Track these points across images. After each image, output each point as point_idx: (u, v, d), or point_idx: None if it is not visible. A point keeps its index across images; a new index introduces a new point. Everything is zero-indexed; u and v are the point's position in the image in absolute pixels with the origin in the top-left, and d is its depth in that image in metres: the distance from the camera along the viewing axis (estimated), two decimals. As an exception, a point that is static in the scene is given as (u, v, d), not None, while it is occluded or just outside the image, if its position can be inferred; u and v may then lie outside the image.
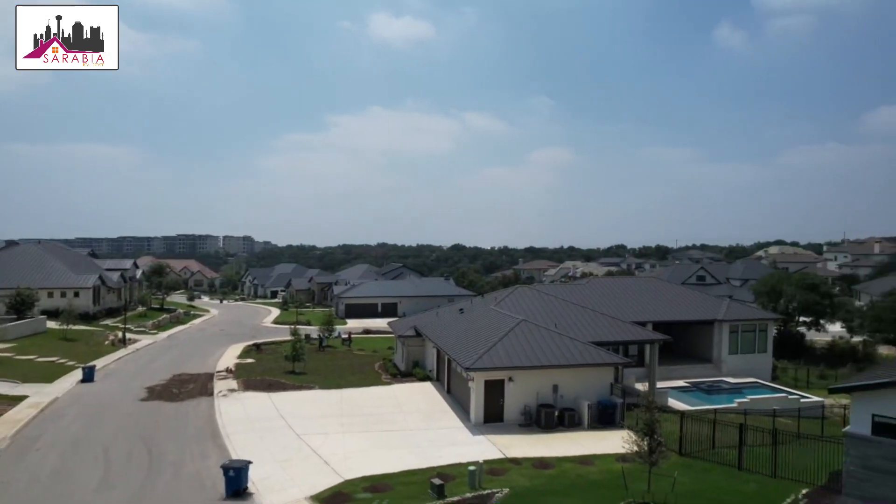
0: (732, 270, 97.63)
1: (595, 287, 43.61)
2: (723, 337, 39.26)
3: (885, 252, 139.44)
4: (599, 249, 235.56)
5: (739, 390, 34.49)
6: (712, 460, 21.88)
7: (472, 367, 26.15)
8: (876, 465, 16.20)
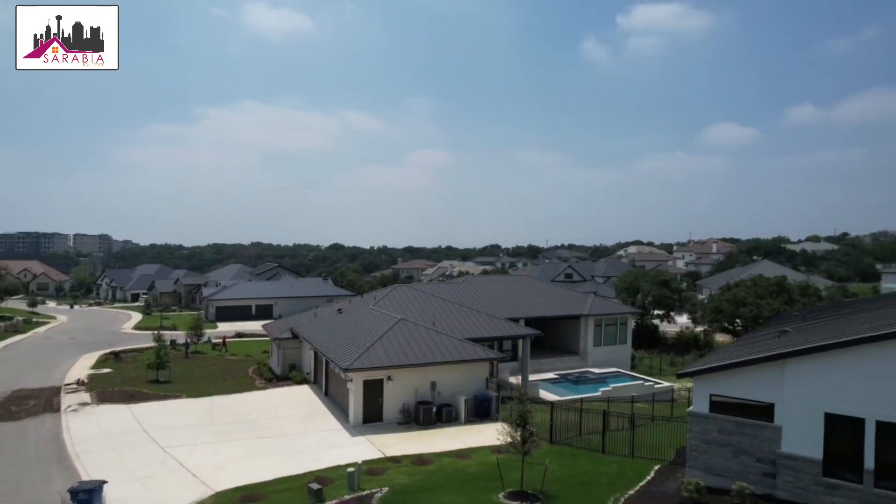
0: (597, 268, 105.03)
1: (471, 285, 44.93)
2: (588, 330, 42.13)
3: (722, 251, 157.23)
4: (475, 249, 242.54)
5: (603, 380, 37.19)
6: (580, 446, 23.42)
7: (351, 367, 25.90)
8: (712, 439, 18.27)
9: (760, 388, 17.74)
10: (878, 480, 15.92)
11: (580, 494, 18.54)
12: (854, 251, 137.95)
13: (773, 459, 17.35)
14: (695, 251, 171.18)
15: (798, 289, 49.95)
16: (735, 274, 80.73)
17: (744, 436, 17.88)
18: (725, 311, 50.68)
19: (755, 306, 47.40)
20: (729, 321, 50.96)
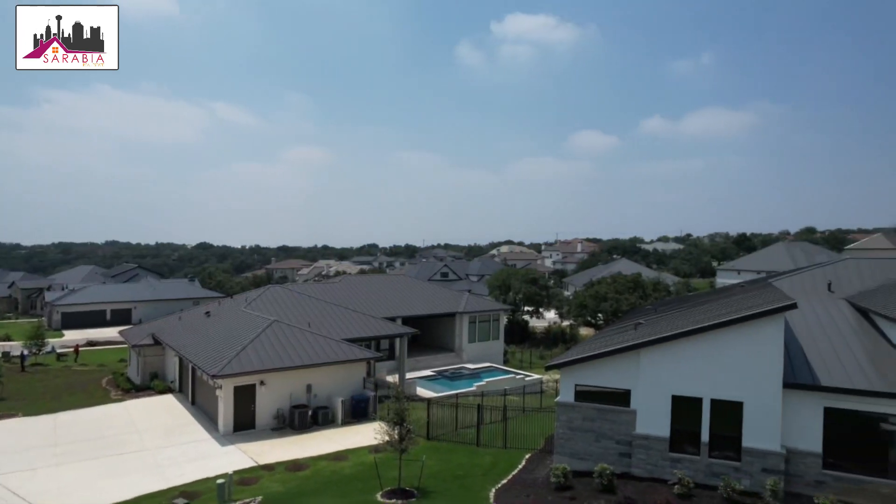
0: (471, 267, 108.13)
1: (348, 285, 44.42)
2: (463, 327, 43.31)
3: (586, 251, 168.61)
4: (353, 248, 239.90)
5: (478, 375, 38.42)
6: (456, 441, 24.03)
7: (220, 373, 24.56)
8: (577, 426, 19.61)
9: (619, 376, 19.31)
10: (711, 451, 18.00)
11: (456, 487, 19.04)
12: (696, 250, 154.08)
13: (630, 441, 18.96)
14: (561, 251, 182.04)
15: (651, 285, 54.89)
16: (597, 272, 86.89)
17: (605, 421, 19.35)
18: (589, 306, 54.46)
19: (615, 301, 51.41)
20: (592, 315, 54.80)
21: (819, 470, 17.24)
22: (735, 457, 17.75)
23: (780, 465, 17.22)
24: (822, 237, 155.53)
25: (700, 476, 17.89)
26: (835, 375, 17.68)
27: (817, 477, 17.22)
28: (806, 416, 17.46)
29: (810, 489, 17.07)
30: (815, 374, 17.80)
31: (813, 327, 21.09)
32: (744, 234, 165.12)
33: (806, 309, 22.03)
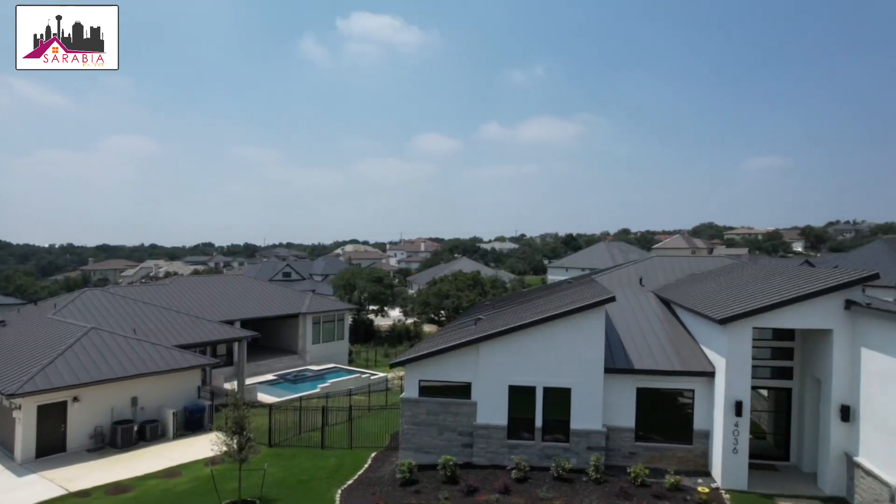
0: (315, 267, 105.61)
1: (180, 287, 41.09)
2: (307, 328, 42.19)
3: (429, 250, 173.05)
4: (185, 248, 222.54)
5: (322, 376, 37.67)
6: (300, 445, 23.33)
7: (18, 392, 21.37)
8: (422, 420, 20.09)
9: (460, 370, 20.10)
10: (544, 435, 19.49)
11: (300, 493, 18.50)
12: (529, 249, 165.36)
13: (471, 431, 19.84)
14: (406, 250, 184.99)
15: (489, 282, 57.82)
16: (440, 270, 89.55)
17: (448, 414, 20.03)
18: (432, 303, 55.94)
19: (456, 298, 53.37)
20: (435, 312, 56.36)
21: (632, 443, 19.45)
22: (565, 438, 19.38)
23: (602, 442, 19.14)
24: (636, 237, 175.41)
25: (535, 459, 19.26)
26: (645, 359, 20.06)
27: (631, 449, 19.42)
28: (622, 396, 19.59)
29: (625, 460, 19.19)
30: (629, 359, 20.04)
31: (628, 317, 23.71)
32: (571, 235, 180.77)
33: (622, 301, 24.68)
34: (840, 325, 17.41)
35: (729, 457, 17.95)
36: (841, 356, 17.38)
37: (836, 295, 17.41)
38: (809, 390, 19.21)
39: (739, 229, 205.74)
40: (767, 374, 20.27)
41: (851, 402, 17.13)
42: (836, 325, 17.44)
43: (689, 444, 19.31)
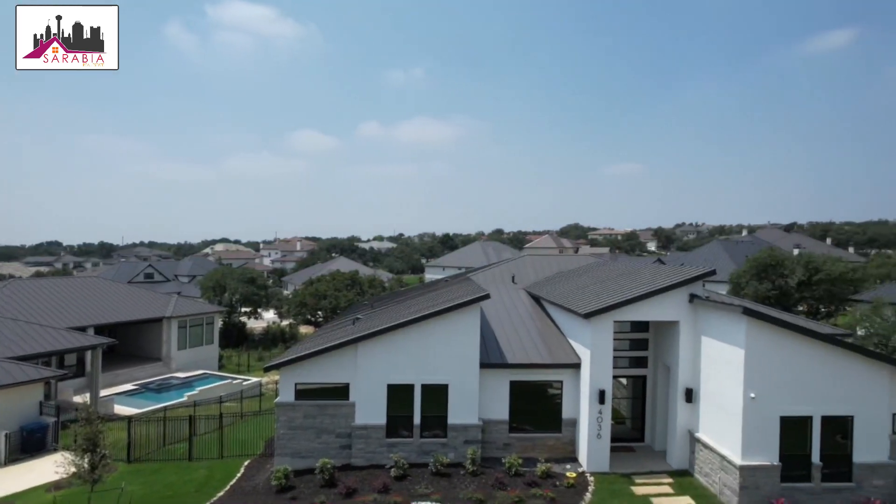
0: (181, 267, 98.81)
1: (19, 291, 36.54)
2: (172, 333, 39.36)
3: (305, 249, 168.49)
4: (25, 247, 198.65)
5: (190, 384, 35.31)
6: (164, 459, 21.72)
7: None
8: (298, 424, 19.53)
9: (338, 371, 19.80)
10: (423, 432, 19.76)
11: (165, 510, 17.24)
12: (408, 248, 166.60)
13: (349, 432, 19.61)
14: (281, 249, 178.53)
15: (367, 281, 57.46)
16: (317, 270, 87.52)
17: (325, 416, 19.64)
18: (309, 304, 54.52)
19: (334, 298, 52.45)
20: (312, 313, 55.00)
21: (507, 434, 20.29)
22: (443, 434, 19.77)
23: (478, 435, 19.75)
24: (509, 237, 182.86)
25: (414, 456, 19.45)
26: (517, 353, 21.00)
27: (505, 440, 20.24)
28: (497, 390, 20.36)
29: (500, 452, 19.97)
30: (503, 354, 20.87)
31: (501, 313, 24.68)
32: (448, 235, 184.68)
33: (496, 298, 25.64)
34: (685, 317, 19.38)
35: (594, 442, 19.32)
36: (686, 344, 19.36)
37: (682, 290, 19.36)
38: (661, 377, 21.18)
39: (602, 230, 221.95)
40: (626, 364, 22.05)
41: (694, 385, 19.14)
42: (682, 317, 19.39)
43: (558, 433, 20.51)
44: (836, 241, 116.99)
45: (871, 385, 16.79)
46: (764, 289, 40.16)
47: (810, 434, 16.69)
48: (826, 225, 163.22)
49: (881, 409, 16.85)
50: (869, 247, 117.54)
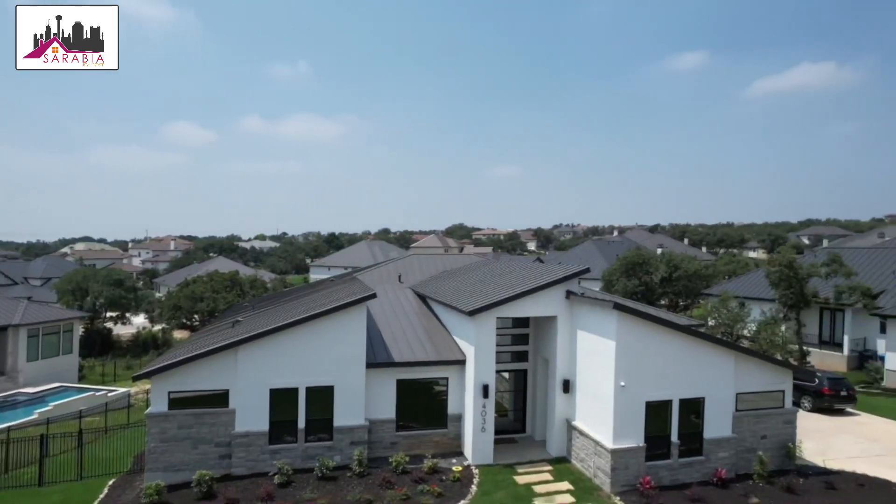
0: (32, 269, 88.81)
1: None
2: (19, 344, 35.23)
3: (180, 249, 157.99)
4: None
5: (42, 399, 31.79)
6: (8, 486, 19.39)
7: None
8: (172, 436, 18.26)
9: (217, 377, 18.77)
10: (308, 436, 19.27)
11: (12, 541, 15.41)
12: (291, 248, 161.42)
13: (229, 441, 18.66)
14: (152, 248, 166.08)
15: (248, 282, 55.01)
16: (193, 270, 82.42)
17: (203, 426, 18.54)
18: (184, 307, 51.23)
19: (212, 300, 49.69)
20: (188, 317, 51.73)
21: (393, 433, 20.32)
22: (328, 437, 19.40)
23: (364, 436, 19.59)
24: (395, 237, 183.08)
25: (298, 461, 18.91)
26: (404, 352, 21.10)
27: (392, 439, 20.26)
28: (383, 389, 20.32)
29: (387, 451, 19.94)
30: (390, 353, 20.88)
31: (388, 313, 24.67)
32: (333, 234, 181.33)
33: (383, 297, 25.59)
34: (562, 312, 20.49)
35: (478, 436, 19.87)
36: (563, 338, 20.48)
37: (560, 287, 20.46)
38: (540, 369, 22.24)
39: (486, 230, 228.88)
40: (508, 359, 22.90)
41: (570, 376, 20.31)
42: (560, 312, 20.48)
43: (444, 429, 20.86)
44: (691, 241, 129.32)
45: (720, 369, 18.76)
46: (632, 285, 43.47)
47: (670, 416, 18.32)
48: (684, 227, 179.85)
49: (727, 390, 18.88)
50: (718, 246, 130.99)
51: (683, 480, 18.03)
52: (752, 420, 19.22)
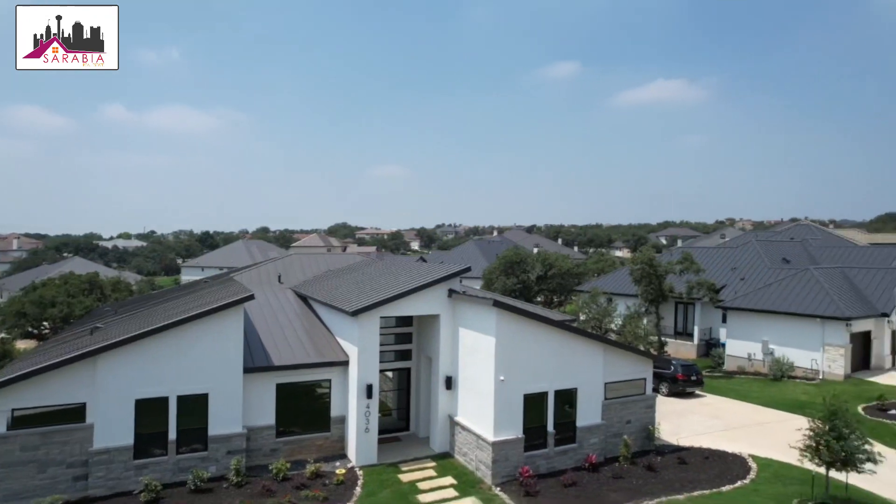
0: None
1: None
2: None
3: (25, 248, 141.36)
4: None
5: None
6: None
7: None
8: (15, 460, 16.20)
9: (72, 389, 17.01)
10: (179, 448, 18.03)
11: None
12: (160, 247, 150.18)
13: (86, 460, 16.98)
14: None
15: (110, 284, 50.40)
16: (42, 272, 74.15)
17: (53, 445, 16.70)
18: (30, 313, 45.79)
19: (66, 305, 44.90)
20: (35, 325, 46.36)
21: (273, 440, 19.58)
22: (203, 447, 18.28)
23: (242, 444, 18.69)
24: (275, 236, 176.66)
25: (169, 475, 17.65)
26: (284, 355, 20.42)
27: (272, 446, 19.52)
28: (263, 394, 19.52)
29: (267, 458, 19.18)
30: (269, 357, 20.10)
31: (267, 315, 23.73)
32: (207, 232, 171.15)
33: (262, 299, 24.58)
34: (445, 310, 20.86)
35: (362, 436, 19.69)
36: (446, 336, 20.86)
37: (442, 285, 20.81)
38: (424, 368, 22.49)
39: (369, 229, 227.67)
40: (392, 358, 22.91)
41: (453, 373, 20.74)
42: (443, 311, 20.84)
43: (327, 432, 20.45)
44: (565, 241, 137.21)
45: (591, 361, 20.07)
46: (511, 283, 45.24)
47: (546, 407, 19.31)
48: (558, 227, 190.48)
49: (598, 380, 20.25)
50: (588, 246, 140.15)
51: (559, 467, 19.07)
52: (619, 407, 20.76)
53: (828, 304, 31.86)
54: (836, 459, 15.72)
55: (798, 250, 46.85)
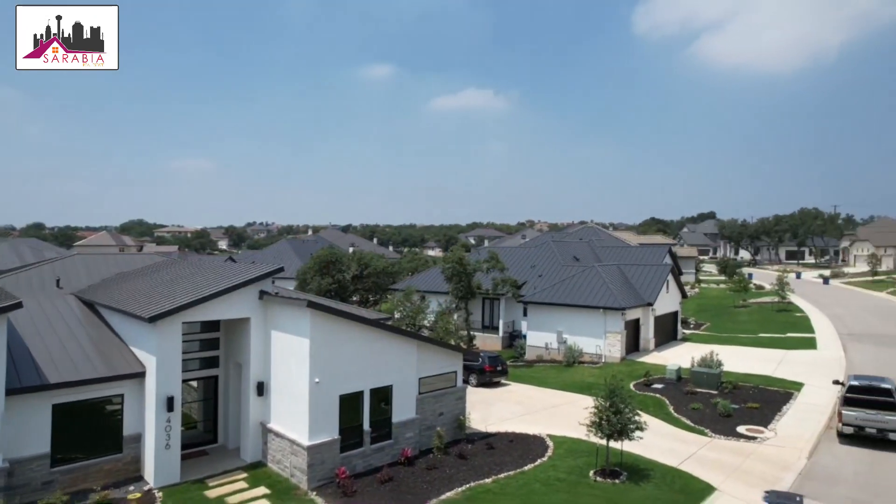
0: None
1: None
2: None
3: None
4: None
5: None
6: None
7: None
8: None
9: None
10: None
11: None
12: None
13: None
14: None
15: None
16: None
17: None
18: None
19: None
20: None
21: (48, 470, 16.93)
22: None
23: (1, 482, 15.82)
24: (52, 234, 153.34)
25: None
26: (63, 371, 17.77)
27: (46, 478, 16.86)
28: (33, 418, 16.79)
29: (38, 494, 16.51)
30: (42, 374, 17.34)
31: (41, 325, 20.46)
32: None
33: (33, 307, 21.15)
34: (256, 313, 19.85)
35: (161, 454, 17.89)
36: (257, 340, 19.85)
37: (253, 287, 19.77)
38: (233, 374, 21.15)
39: (170, 227, 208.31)
40: (197, 366, 21.19)
41: (265, 379, 19.81)
42: (253, 314, 19.80)
43: (118, 454, 18.22)
44: (380, 240, 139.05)
45: (405, 358, 20.56)
46: (326, 283, 44.52)
47: (362, 406, 19.34)
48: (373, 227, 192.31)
49: (412, 376, 20.81)
50: (402, 245, 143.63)
51: (376, 465, 19.23)
52: (432, 400, 21.57)
53: (609, 296, 36.42)
54: (615, 431, 18.09)
55: (586, 250, 52.99)
